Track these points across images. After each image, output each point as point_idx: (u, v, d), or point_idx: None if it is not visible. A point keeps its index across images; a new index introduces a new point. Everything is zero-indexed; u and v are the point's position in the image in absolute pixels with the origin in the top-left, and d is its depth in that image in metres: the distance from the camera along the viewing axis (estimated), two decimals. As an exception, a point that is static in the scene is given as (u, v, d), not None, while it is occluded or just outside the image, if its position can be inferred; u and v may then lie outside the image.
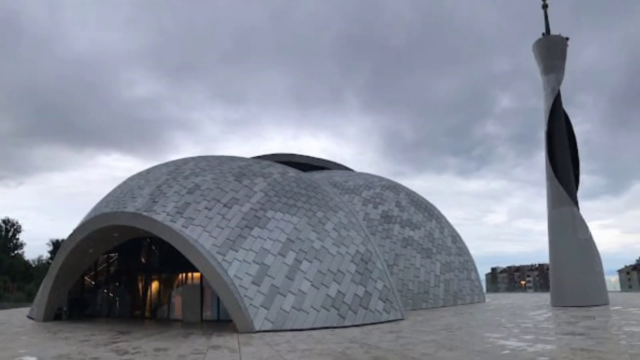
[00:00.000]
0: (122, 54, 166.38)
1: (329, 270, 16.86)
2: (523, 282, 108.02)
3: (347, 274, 17.13)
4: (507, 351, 9.33)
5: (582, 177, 25.07)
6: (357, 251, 18.34)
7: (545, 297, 29.42)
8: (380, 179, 32.57)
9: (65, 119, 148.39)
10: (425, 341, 11.31)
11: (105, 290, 24.83)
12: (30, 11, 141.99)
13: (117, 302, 24.12)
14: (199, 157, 23.86)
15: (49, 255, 65.97)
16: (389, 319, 16.95)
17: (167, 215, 17.75)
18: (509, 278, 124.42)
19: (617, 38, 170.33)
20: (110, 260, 24.81)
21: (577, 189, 24.29)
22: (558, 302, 22.71)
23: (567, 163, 24.28)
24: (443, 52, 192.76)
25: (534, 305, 24.57)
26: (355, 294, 16.74)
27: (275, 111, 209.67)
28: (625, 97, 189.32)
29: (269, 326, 14.53)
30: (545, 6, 26.17)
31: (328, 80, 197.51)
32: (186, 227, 17.05)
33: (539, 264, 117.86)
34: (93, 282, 24.89)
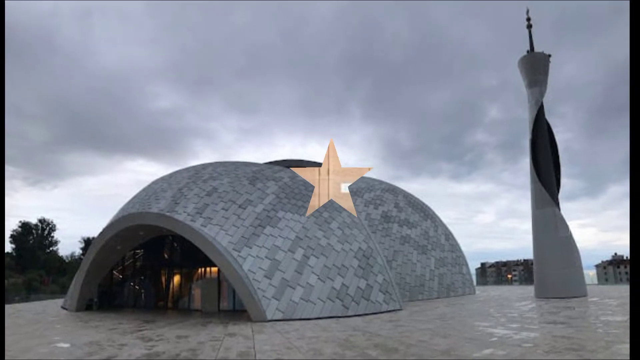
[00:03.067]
0: (147, 69, 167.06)
1: (334, 265, 16.89)
2: (509, 276, 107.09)
3: (350, 269, 17.15)
4: (495, 338, 9.33)
5: (563, 181, 25.04)
6: (360, 248, 18.35)
7: (529, 290, 29.27)
8: (381, 182, 32.55)
9: (95, 128, 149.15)
10: (421, 329, 11.31)
11: (131, 284, 24.91)
12: (64, 30, 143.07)
13: (143, 294, 24.17)
14: (216, 162, 23.96)
15: (80, 251, 66.33)
16: (389, 310, 16.93)
17: (188, 215, 17.84)
18: (497, 272, 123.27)
19: (594, 55, 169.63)
20: (136, 256, 24.91)
21: (558, 191, 24.22)
22: (541, 294, 22.62)
23: (550, 168, 24.22)
24: (437, 67, 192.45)
25: (520, 296, 24.46)
26: (358, 287, 16.75)
27: (285, 121, 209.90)
28: (602, 109, 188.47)
29: (279, 316, 14.56)
30: (529, 26, 26.20)
31: (333, 93, 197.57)
32: (205, 226, 17.12)
33: (524, 260, 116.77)
34: (121, 276, 25.00)
